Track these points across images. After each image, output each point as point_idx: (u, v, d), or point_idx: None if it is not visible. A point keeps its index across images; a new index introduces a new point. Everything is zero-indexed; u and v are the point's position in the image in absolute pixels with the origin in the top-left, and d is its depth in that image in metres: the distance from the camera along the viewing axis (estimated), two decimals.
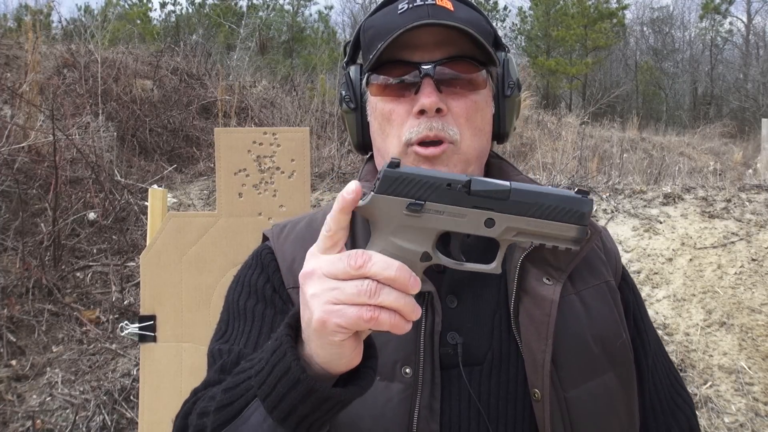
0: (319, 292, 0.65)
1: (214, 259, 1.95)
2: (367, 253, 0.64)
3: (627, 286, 1.06)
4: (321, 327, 0.65)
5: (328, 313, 0.64)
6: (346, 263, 0.64)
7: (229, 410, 0.76)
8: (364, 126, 1.04)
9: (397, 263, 0.64)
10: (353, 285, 0.63)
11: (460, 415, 0.89)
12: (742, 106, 23.66)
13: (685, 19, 30.41)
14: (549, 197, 0.67)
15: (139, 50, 8.45)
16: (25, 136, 5.23)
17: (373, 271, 0.63)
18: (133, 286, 4.36)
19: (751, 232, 4.56)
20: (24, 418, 3.46)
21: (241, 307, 0.98)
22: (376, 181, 0.66)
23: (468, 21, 0.95)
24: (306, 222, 1.04)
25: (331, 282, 0.64)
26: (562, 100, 22.73)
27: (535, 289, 0.92)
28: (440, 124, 0.93)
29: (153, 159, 6.25)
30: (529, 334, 0.90)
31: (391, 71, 0.96)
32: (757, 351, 3.78)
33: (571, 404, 0.89)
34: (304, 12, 23.63)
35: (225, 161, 1.97)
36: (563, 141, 8.68)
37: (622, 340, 0.97)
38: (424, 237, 0.67)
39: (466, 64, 0.95)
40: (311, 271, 0.67)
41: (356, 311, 0.63)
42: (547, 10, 23.89)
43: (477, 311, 0.93)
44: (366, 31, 1.00)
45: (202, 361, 2.01)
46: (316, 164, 5.94)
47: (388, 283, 0.63)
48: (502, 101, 1.02)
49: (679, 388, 1.08)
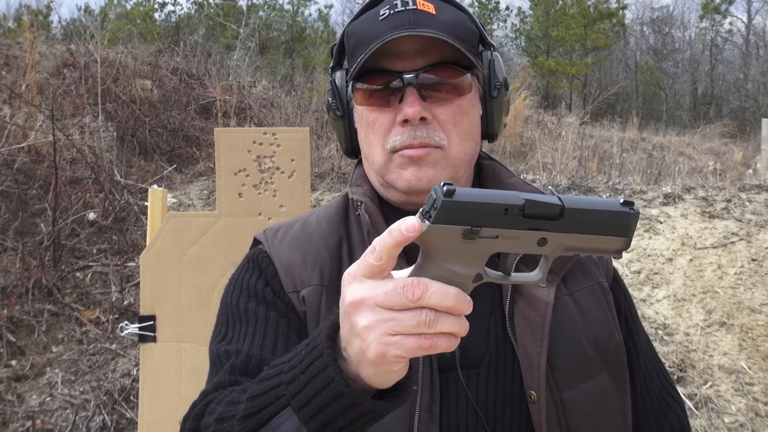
0: (373, 324, 0.63)
1: (214, 259, 1.95)
2: (423, 282, 0.63)
3: (618, 287, 1.06)
4: (380, 359, 0.64)
5: (386, 345, 0.63)
6: (403, 295, 0.62)
7: (257, 418, 0.73)
8: (352, 132, 1.04)
9: (453, 291, 0.63)
10: (411, 316, 0.62)
11: (459, 417, 0.89)
12: (742, 106, 23.65)
13: (685, 19, 30.44)
14: (600, 214, 0.67)
15: (139, 50, 8.45)
16: (24, 136, 5.23)
17: (432, 302, 0.62)
18: (133, 286, 4.36)
19: (751, 232, 4.56)
20: (24, 418, 3.46)
21: (241, 309, 0.97)
22: (432, 209, 0.64)
23: (451, 24, 0.94)
24: (300, 225, 1.04)
25: (386, 313, 0.63)
26: (562, 100, 22.72)
27: (529, 291, 0.93)
28: (425, 132, 0.93)
29: (153, 159, 6.25)
30: (524, 336, 0.91)
31: (374, 80, 0.95)
32: (757, 351, 3.78)
33: (566, 405, 0.90)
34: (304, 11, 23.64)
35: (225, 161, 1.97)
36: (563, 141, 8.69)
37: (616, 340, 0.98)
38: (478, 260, 0.67)
39: (450, 70, 0.94)
40: (360, 300, 0.64)
41: (415, 341, 0.62)
42: (547, 10, 23.89)
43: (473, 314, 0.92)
44: (349, 37, 0.99)
45: (202, 361, 2.00)
46: (316, 164, 5.94)
47: (446, 311, 0.63)
48: (489, 102, 1.01)
49: (669, 388, 1.09)
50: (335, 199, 1.09)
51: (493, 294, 0.95)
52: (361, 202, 0.98)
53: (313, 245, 0.99)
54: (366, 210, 0.97)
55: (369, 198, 1.00)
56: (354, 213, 1.02)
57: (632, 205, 0.68)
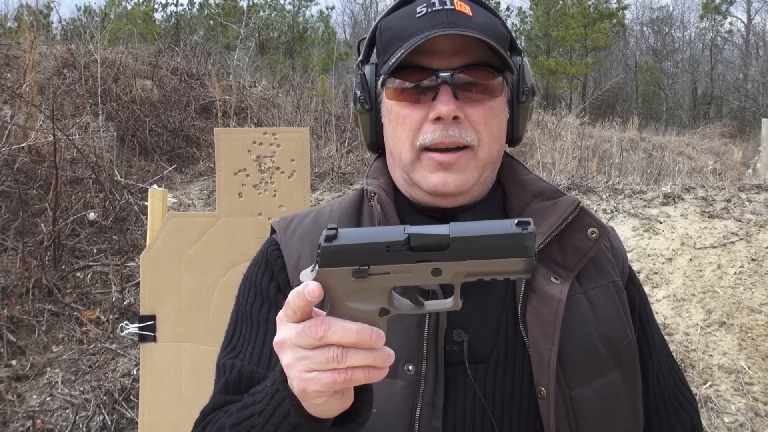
0: (292, 363, 0.68)
1: (214, 259, 1.95)
2: (326, 321, 0.66)
3: (633, 285, 1.06)
4: (302, 394, 0.69)
5: (305, 381, 0.68)
6: (309, 335, 0.66)
7: None
8: (378, 126, 1.03)
9: (355, 326, 0.66)
10: (321, 353, 0.66)
11: (465, 412, 0.90)
12: (742, 106, 23.66)
13: (685, 19, 30.44)
14: (489, 239, 0.67)
15: (139, 50, 8.46)
16: (25, 136, 5.23)
17: (335, 339, 0.66)
18: (133, 286, 4.36)
19: (751, 232, 4.56)
20: (24, 418, 3.47)
21: (248, 311, 1.00)
22: (317, 255, 0.68)
23: (486, 27, 0.95)
24: (313, 217, 1.05)
25: (300, 351, 0.68)
26: (562, 100, 22.73)
27: (542, 288, 0.93)
28: (457, 131, 0.93)
29: (153, 159, 6.25)
30: (536, 333, 0.91)
31: (409, 76, 0.95)
32: (756, 351, 3.78)
33: (576, 402, 0.90)
34: (305, 12, 23.63)
35: (225, 161, 1.97)
36: (563, 141, 8.69)
37: (628, 340, 0.98)
38: (377, 296, 0.69)
39: (484, 71, 0.95)
40: (282, 342, 0.70)
41: (330, 376, 0.66)
42: (547, 10, 23.90)
43: (484, 309, 0.94)
44: (383, 31, 0.99)
45: (202, 361, 2.01)
46: (316, 164, 5.94)
47: (352, 346, 0.66)
48: (516, 107, 1.02)
49: (683, 388, 1.09)
50: (350, 192, 1.09)
51: (506, 290, 0.95)
52: (375, 193, 0.98)
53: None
54: (378, 201, 0.97)
55: (383, 190, 1.00)
56: (367, 204, 1.02)
57: (527, 226, 0.67)
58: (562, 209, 0.97)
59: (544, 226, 0.96)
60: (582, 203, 0.99)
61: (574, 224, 0.97)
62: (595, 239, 0.97)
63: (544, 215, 0.98)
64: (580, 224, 0.97)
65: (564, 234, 0.97)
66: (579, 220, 0.97)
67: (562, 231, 0.96)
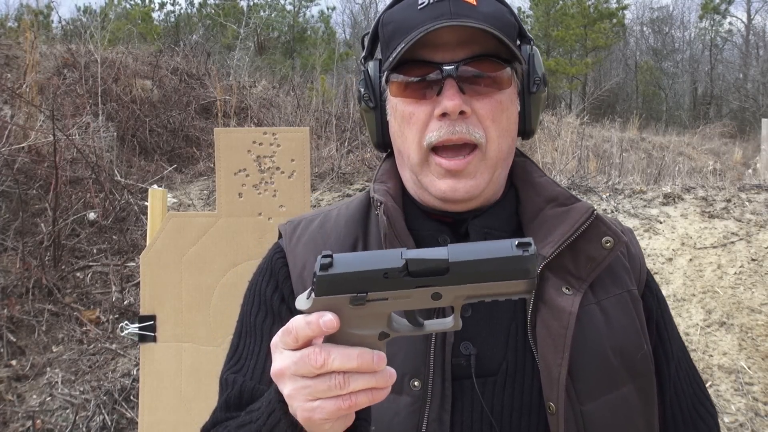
0: (294, 393, 0.67)
1: (214, 259, 1.95)
2: (325, 348, 0.65)
3: (650, 293, 1.02)
4: (308, 422, 0.68)
5: (309, 410, 0.66)
6: (309, 363, 0.65)
7: None
8: (384, 125, 0.99)
9: (355, 351, 0.65)
10: (322, 382, 0.65)
11: (473, 427, 0.87)
12: (742, 106, 23.66)
13: (684, 19, 30.43)
14: (489, 263, 0.66)
15: (139, 50, 8.46)
16: (25, 137, 5.23)
17: (336, 366, 0.64)
18: (133, 286, 4.36)
19: (751, 232, 4.56)
20: (24, 418, 3.47)
21: (252, 321, 0.98)
22: (313, 283, 0.66)
23: (492, 16, 0.90)
24: (319, 222, 1.01)
25: (301, 381, 0.66)
26: (562, 100, 22.72)
27: (553, 299, 0.90)
28: (464, 127, 0.89)
29: (153, 159, 6.25)
30: (545, 346, 0.88)
31: (412, 71, 0.91)
32: (756, 351, 3.78)
33: (587, 417, 0.87)
34: (305, 12, 23.63)
35: (225, 161, 1.97)
36: (563, 141, 8.68)
37: (643, 351, 0.94)
38: (376, 321, 0.68)
39: (490, 63, 0.90)
40: (281, 372, 0.68)
41: (333, 403, 0.65)
42: (547, 10, 23.90)
43: (492, 321, 0.91)
44: (385, 25, 0.95)
45: (203, 361, 2.00)
46: (316, 164, 5.94)
47: (354, 371, 0.65)
48: (527, 98, 0.97)
49: (702, 398, 1.04)
50: (360, 194, 1.05)
51: (515, 301, 0.91)
52: (381, 202, 0.94)
53: (328, 247, 0.96)
54: (385, 211, 0.93)
55: (391, 197, 0.96)
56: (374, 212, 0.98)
57: (528, 247, 0.66)
58: (575, 217, 0.93)
59: (557, 234, 0.92)
60: (597, 211, 0.95)
61: (588, 233, 0.93)
62: (610, 249, 0.93)
63: (557, 222, 0.94)
64: (594, 233, 0.93)
65: (577, 242, 0.93)
66: (593, 228, 0.93)
67: (575, 239, 0.92)
